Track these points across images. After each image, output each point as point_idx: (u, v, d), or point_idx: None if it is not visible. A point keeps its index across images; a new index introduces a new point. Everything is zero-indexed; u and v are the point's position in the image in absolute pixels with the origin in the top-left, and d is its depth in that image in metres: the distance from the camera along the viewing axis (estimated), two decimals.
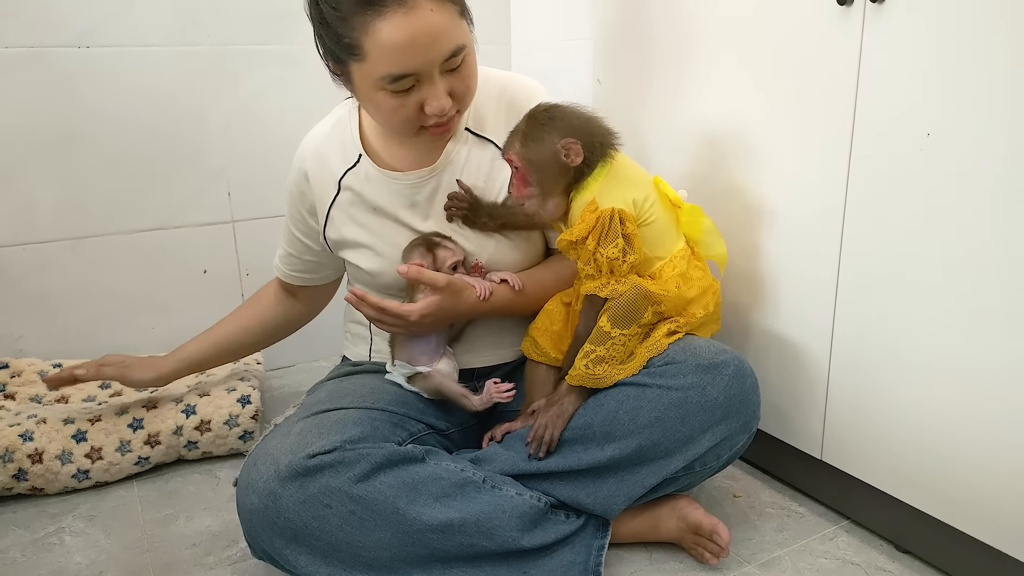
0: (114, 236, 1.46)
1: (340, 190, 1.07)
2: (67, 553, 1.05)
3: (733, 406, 0.95)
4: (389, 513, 0.86)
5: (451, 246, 1.03)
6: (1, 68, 1.31)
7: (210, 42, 1.46)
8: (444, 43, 0.88)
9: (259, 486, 0.86)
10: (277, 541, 0.86)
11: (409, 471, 0.89)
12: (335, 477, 0.85)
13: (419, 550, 0.87)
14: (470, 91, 0.97)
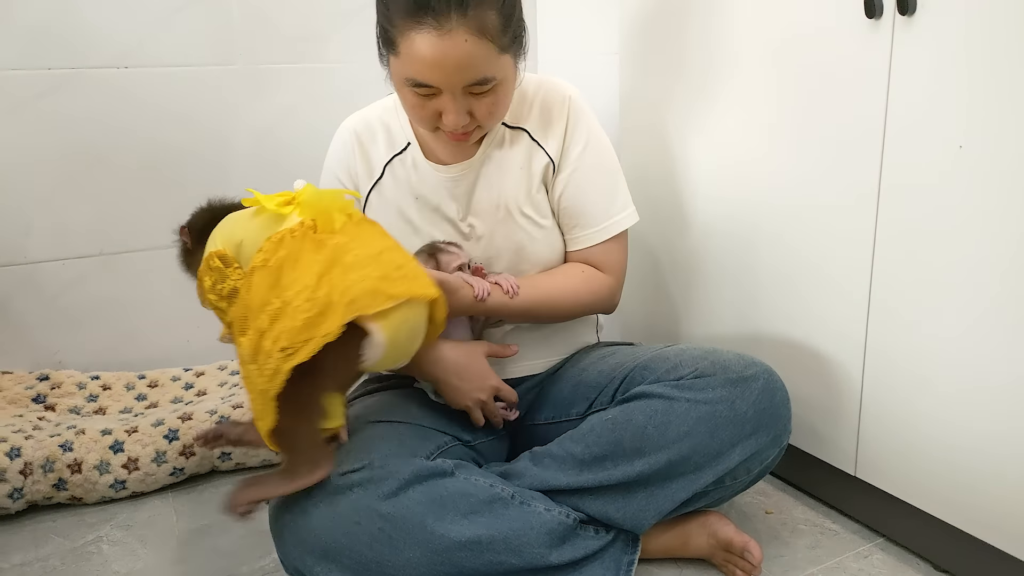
0: (148, 251, 1.49)
1: (383, 175, 1.09)
2: (105, 562, 1.07)
3: (763, 420, 0.95)
4: (417, 531, 0.86)
5: (454, 251, 1.03)
6: (43, 89, 1.35)
7: (243, 62, 1.49)
8: (469, 72, 0.91)
9: (289, 504, 0.87)
10: (308, 558, 0.87)
11: (438, 486, 0.89)
12: (364, 494, 0.86)
13: (448, 568, 0.87)
14: (493, 117, 0.98)
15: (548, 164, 1.07)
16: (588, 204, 1.08)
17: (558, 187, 1.08)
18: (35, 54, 1.34)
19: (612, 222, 1.09)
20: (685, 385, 0.95)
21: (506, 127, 1.08)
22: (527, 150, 1.08)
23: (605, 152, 1.10)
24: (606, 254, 1.10)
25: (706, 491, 0.97)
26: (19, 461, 1.17)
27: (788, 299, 1.12)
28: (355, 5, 1.56)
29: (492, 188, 1.07)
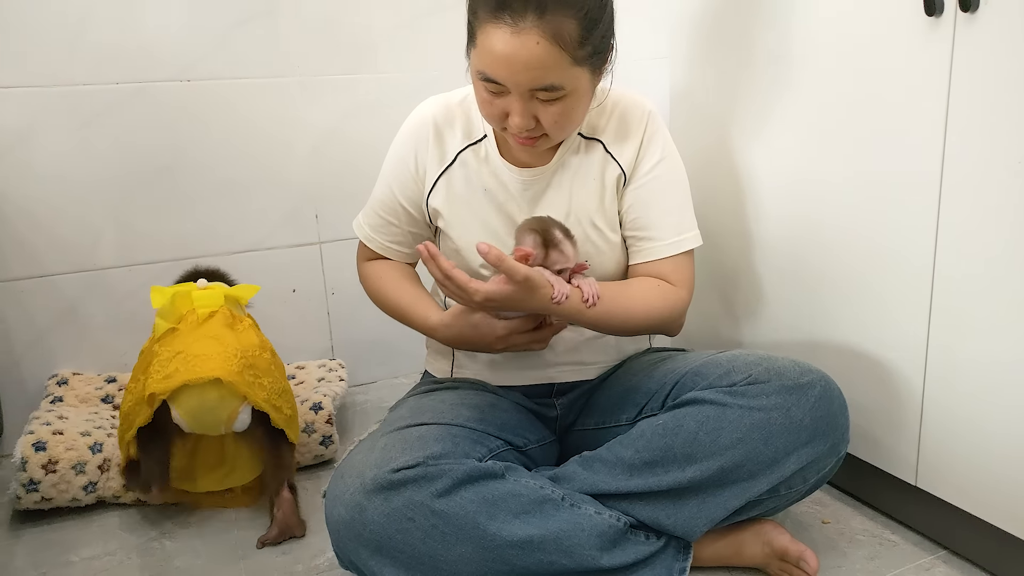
0: (210, 258, 1.54)
1: (454, 162, 1.08)
2: (167, 557, 1.10)
3: (820, 428, 0.93)
4: (470, 528, 0.87)
5: (568, 251, 0.98)
6: (111, 103, 1.41)
7: (299, 74, 1.53)
8: (536, 75, 0.90)
9: (346, 498, 0.89)
10: (363, 552, 0.89)
11: (489, 487, 0.90)
12: (418, 491, 0.88)
13: (499, 566, 0.88)
14: (559, 126, 0.96)
15: (620, 175, 1.07)
16: (660, 216, 1.07)
17: (628, 198, 1.07)
18: (104, 70, 1.40)
19: (683, 237, 1.07)
20: (738, 391, 0.94)
21: (582, 137, 1.07)
22: (601, 161, 1.07)
23: (679, 170, 1.09)
24: (677, 268, 1.07)
25: (760, 499, 0.96)
26: (99, 456, 1.22)
27: (846, 304, 1.10)
28: (406, 17, 1.59)
29: (563, 196, 1.06)
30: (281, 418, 1.13)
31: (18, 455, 1.17)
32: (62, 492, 1.18)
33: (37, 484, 1.17)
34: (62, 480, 1.18)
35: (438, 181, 1.09)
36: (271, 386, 1.13)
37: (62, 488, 1.18)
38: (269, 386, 1.13)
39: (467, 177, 1.08)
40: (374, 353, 1.72)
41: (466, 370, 1.15)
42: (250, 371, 1.11)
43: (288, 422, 1.15)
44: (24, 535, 1.17)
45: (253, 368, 1.11)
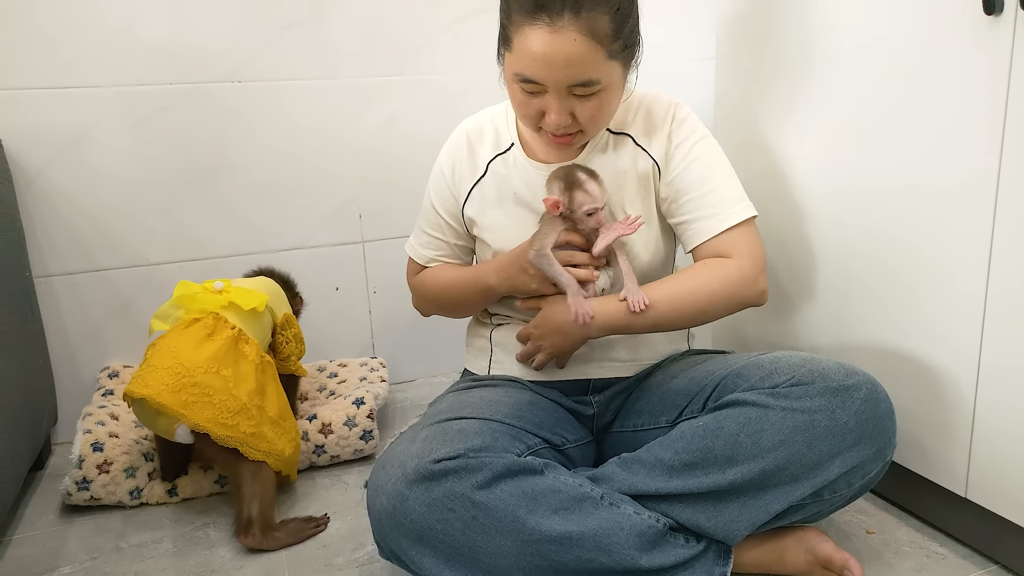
0: (256, 255, 1.57)
1: (486, 172, 1.13)
2: (212, 546, 1.13)
3: (866, 431, 0.91)
4: (509, 521, 0.88)
5: (592, 189, 1.00)
6: (164, 103, 1.46)
7: (346, 75, 1.56)
8: (575, 71, 0.93)
9: (387, 488, 0.90)
10: (404, 541, 0.90)
11: (528, 482, 0.91)
12: (458, 483, 0.88)
13: (538, 560, 0.88)
14: (594, 120, 1.00)
15: (652, 166, 1.08)
16: (708, 193, 1.06)
17: (668, 188, 1.08)
18: (158, 71, 1.44)
19: (732, 210, 1.05)
20: (781, 393, 0.93)
21: (610, 132, 1.09)
22: (632, 154, 1.09)
23: (714, 148, 1.09)
24: (734, 239, 1.05)
25: (803, 504, 0.94)
26: (150, 464, 1.26)
27: (893, 308, 1.08)
28: (449, 19, 1.61)
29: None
30: (235, 436, 1.10)
31: (76, 453, 1.21)
32: (110, 494, 1.22)
33: (89, 483, 1.21)
34: (112, 482, 1.22)
35: (472, 192, 1.14)
36: (223, 404, 1.10)
37: (111, 490, 1.22)
38: (220, 404, 1.10)
39: (498, 185, 1.12)
40: (414, 351, 1.74)
41: (504, 366, 1.16)
42: (193, 389, 1.09)
43: (249, 440, 1.12)
44: (76, 521, 1.21)
45: (199, 386, 1.09)
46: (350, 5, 1.53)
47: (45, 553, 1.12)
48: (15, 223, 1.35)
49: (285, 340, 1.32)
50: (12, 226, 1.32)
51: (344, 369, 1.59)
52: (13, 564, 1.10)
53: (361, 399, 1.37)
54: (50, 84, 1.38)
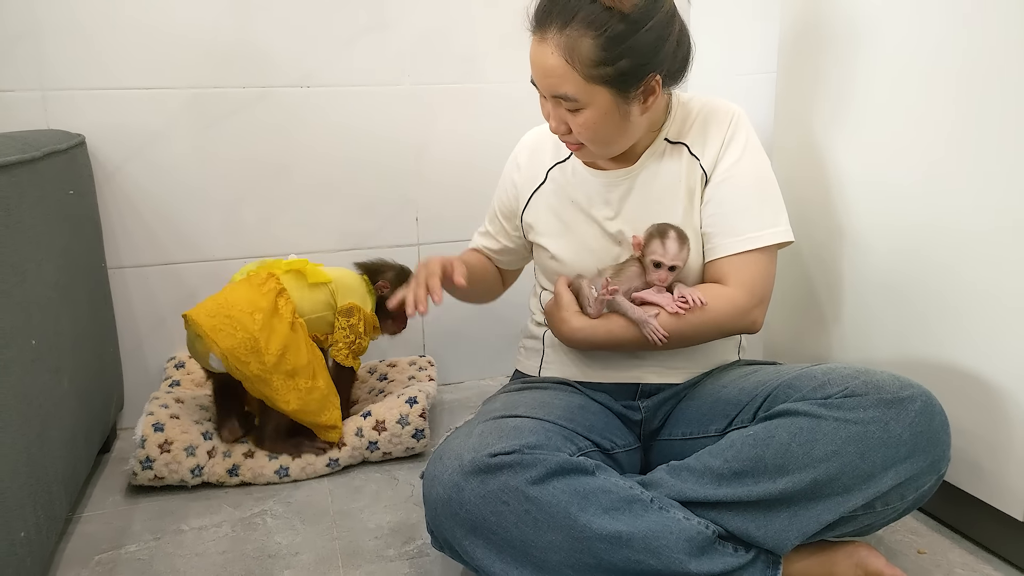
0: (317, 254, 1.62)
1: (546, 180, 1.19)
2: (269, 533, 1.17)
3: (920, 444, 0.91)
4: (561, 517, 0.89)
5: (670, 247, 1.04)
6: (237, 105, 1.52)
7: (410, 82, 1.60)
8: (551, 82, 1.00)
9: (444, 479, 0.93)
10: (458, 531, 0.92)
11: (580, 481, 0.92)
12: (513, 477, 0.90)
13: (587, 558, 0.89)
14: (586, 137, 1.04)
15: (702, 175, 1.10)
16: (732, 213, 1.08)
17: (706, 197, 1.09)
18: (232, 75, 1.50)
19: (755, 234, 1.07)
20: (834, 404, 0.93)
21: (668, 142, 1.11)
22: (686, 164, 1.10)
23: (761, 167, 1.10)
24: (739, 266, 1.07)
25: (855, 515, 0.94)
26: (209, 443, 1.31)
27: (951, 324, 1.07)
28: (509, 29, 1.63)
29: (646, 198, 1.11)
30: (242, 372, 1.24)
31: (139, 434, 1.28)
32: (173, 472, 1.27)
33: (152, 462, 1.26)
34: (174, 460, 1.27)
35: (532, 198, 1.20)
36: (243, 341, 1.24)
37: (173, 468, 1.27)
38: (241, 340, 1.23)
39: (556, 192, 1.17)
40: (463, 354, 1.77)
41: (554, 367, 1.18)
42: (225, 320, 1.24)
43: (253, 380, 1.25)
44: (141, 502, 1.26)
45: (230, 319, 1.24)
46: (415, 16, 1.58)
47: (111, 532, 1.18)
48: (94, 216, 1.42)
49: (339, 327, 1.39)
50: (91, 219, 1.40)
51: (393, 370, 1.63)
52: (82, 540, 1.16)
53: (414, 398, 1.41)
54: (131, 85, 1.45)
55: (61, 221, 1.16)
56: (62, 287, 1.12)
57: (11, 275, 0.90)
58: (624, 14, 0.95)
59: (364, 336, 1.41)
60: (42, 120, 1.41)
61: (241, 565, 1.09)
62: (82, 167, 1.37)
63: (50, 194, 1.11)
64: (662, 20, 0.98)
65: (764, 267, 1.08)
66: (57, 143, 1.19)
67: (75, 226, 1.26)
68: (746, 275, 1.07)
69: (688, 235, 1.07)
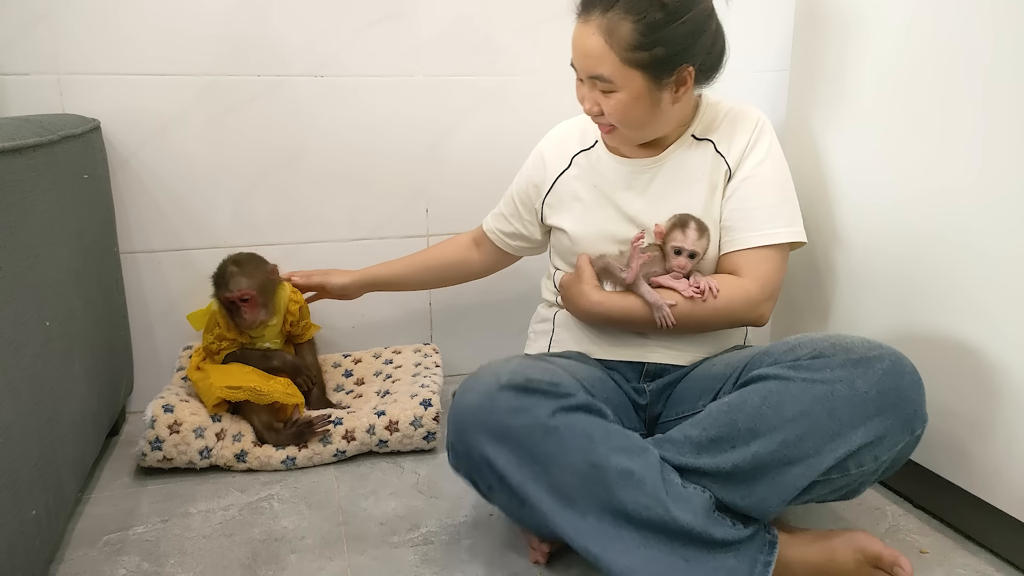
0: (328, 243, 1.63)
1: (570, 165, 1.24)
2: (275, 517, 1.18)
3: (888, 401, 0.92)
4: (584, 442, 0.93)
5: (690, 235, 1.09)
6: (252, 93, 1.52)
7: (423, 73, 1.60)
8: (588, 63, 1.06)
9: (480, 388, 0.97)
10: (484, 438, 0.95)
11: (600, 422, 0.97)
12: (545, 401, 0.94)
13: (600, 491, 0.92)
14: (617, 118, 1.09)
15: (726, 171, 1.14)
16: (752, 209, 1.12)
17: (729, 191, 1.14)
18: (247, 62, 1.51)
19: (772, 231, 1.12)
20: (802, 366, 0.95)
21: (694, 138, 1.16)
22: (712, 160, 1.15)
23: (782, 171, 1.15)
24: (754, 260, 1.12)
25: (830, 478, 0.95)
26: (218, 425, 1.32)
27: (958, 327, 1.07)
28: (527, 22, 1.64)
29: (668, 188, 1.15)
30: None
31: (149, 415, 1.29)
32: (181, 453, 1.29)
33: (161, 443, 1.28)
34: (183, 441, 1.28)
35: (555, 183, 1.25)
36: None
37: (182, 449, 1.28)
38: None
39: (580, 176, 1.22)
40: (471, 345, 1.77)
41: (563, 344, 1.22)
42: None
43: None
44: (149, 485, 1.28)
45: None
46: (432, 5, 1.58)
47: (120, 513, 1.19)
48: (107, 201, 1.43)
49: None
50: (105, 204, 1.41)
51: (399, 356, 1.62)
52: (91, 521, 1.17)
53: (428, 400, 1.40)
54: (147, 71, 1.46)
55: (75, 205, 1.17)
56: (75, 271, 1.13)
57: (25, 258, 0.91)
58: (664, 4, 1.01)
59: (206, 333, 1.43)
60: (58, 104, 1.42)
61: (247, 548, 1.10)
62: (97, 152, 1.38)
63: (65, 178, 1.12)
64: (700, 15, 1.04)
65: (777, 264, 1.13)
66: (73, 127, 1.20)
67: (89, 210, 1.27)
68: (760, 270, 1.11)
69: (702, 221, 1.11)
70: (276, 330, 1.44)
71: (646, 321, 1.10)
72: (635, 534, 0.92)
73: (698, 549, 0.93)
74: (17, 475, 0.84)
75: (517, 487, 0.94)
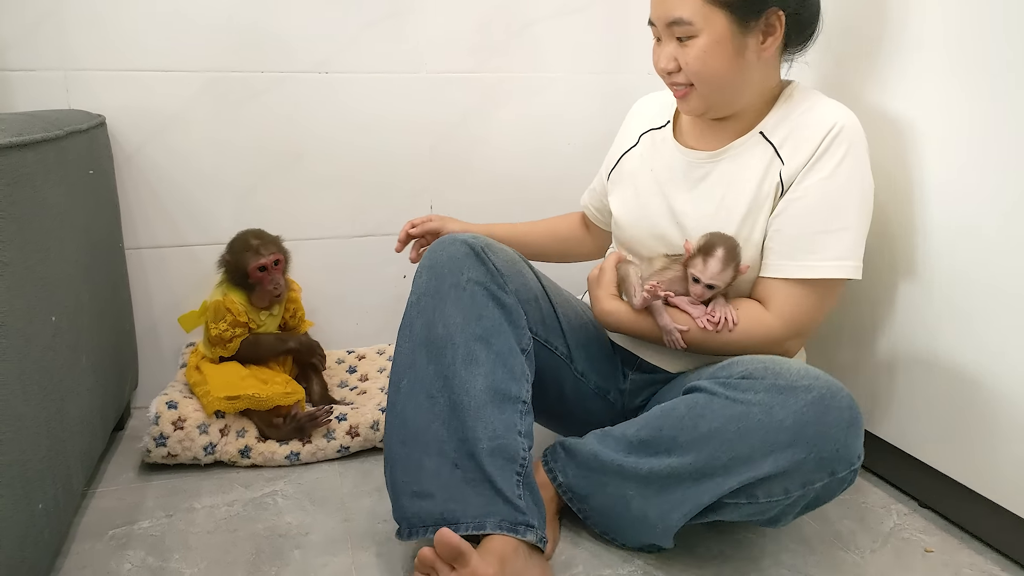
0: (331, 240, 1.63)
1: (638, 143, 1.20)
2: (279, 512, 1.18)
3: (805, 434, 0.88)
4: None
5: (712, 267, 1.00)
6: (257, 89, 1.52)
7: (426, 70, 1.61)
8: (663, 8, 0.99)
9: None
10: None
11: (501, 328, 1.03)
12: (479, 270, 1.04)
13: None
14: (691, 69, 1.00)
15: (777, 184, 1.02)
16: (794, 236, 1.01)
17: (778, 208, 1.02)
18: (251, 59, 1.51)
19: (812, 264, 0.99)
20: (731, 384, 0.93)
21: (762, 136, 1.05)
22: (768, 163, 1.03)
23: (847, 194, 1.00)
24: (785, 294, 1.01)
25: (737, 503, 0.94)
26: (221, 421, 1.32)
27: (977, 336, 1.07)
28: (529, 19, 1.64)
29: (719, 187, 1.06)
30: None
31: (153, 411, 1.29)
32: (186, 449, 1.29)
33: (166, 439, 1.28)
34: (187, 437, 1.29)
35: (621, 158, 1.22)
36: None
37: (186, 445, 1.29)
38: None
39: (641, 156, 1.18)
40: None
41: None
42: None
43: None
44: (154, 480, 1.28)
45: None
46: (435, 3, 1.58)
47: (125, 507, 1.19)
48: (113, 197, 1.43)
49: None
50: (110, 200, 1.41)
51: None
52: (96, 515, 1.17)
53: None
54: (151, 67, 1.46)
55: (82, 200, 1.17)
56: (83, 265, 1.13)
57: (35, 251, 0.91)
58: None
59: (212, 324, 1.38)
60: (63, 100, 1.42)
61: (251, 543, 1.10)
62: (102, 148, 1.38)
63: (72, 173, 1.12)
64: None
65: (813, 301, 1.01)
66: (79, 123, 1.20)
67: (95, 206, 1.27)
68: (788, 306, 1.01)
69: (741, 247, 1.02)
70: (277, 320, 1.45)
71: (655, 339, 1.07)
72: None
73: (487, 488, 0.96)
74: (27, 467, 0.84)
75: None
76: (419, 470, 0.98)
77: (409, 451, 0.99)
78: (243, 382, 1.33)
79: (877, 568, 1.04)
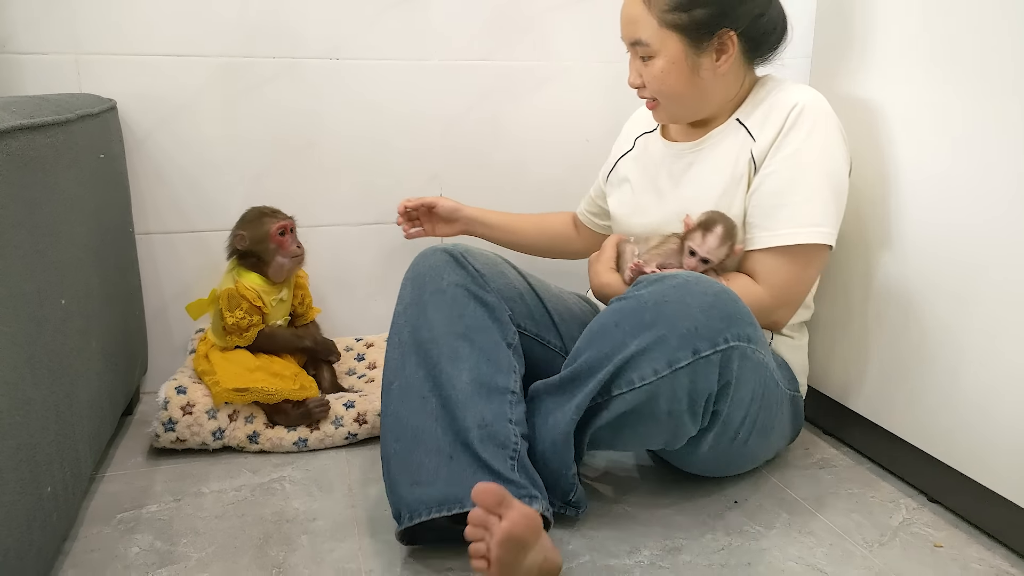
0: (341, 226, 1.63)
1: (633, 146, 1.29)
2: (287, 498, 1.19)
3: (664, 311, 0.92)
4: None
5: (710, 241, 1.06)
6: (267, 76, 1.52)
7: (437, 58, 1.60)
8: (629, 29, 1.08)
9: None
10: None
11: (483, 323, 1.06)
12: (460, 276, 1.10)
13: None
14: (656, 89, 1.10)
15: (749, 161, 1.09)
16: (772, 207, 1.07)
17: (754, 184, 1.09)
18: (263, 44, 1.50)
19: (789, 231, 1.06)
20: (629, 291, 0.99)
21: (738, 122, 1.13)
22: (741, 144, 1.12)
23: (816, 164, 1.06)
24: (770, 264, 1.07)
25: (622, 395, 0.95)
26: (230, 407, 1.33)
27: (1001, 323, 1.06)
28: (540, 8, 1.63)
29: (700, 175, 1.14)
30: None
31: (162, 396, 1.30)
32: (194, 434, 1.29)
33: (174, 424, 1.28)
34: (196, 423, 1.29)
35: (618, 161, 1.31)
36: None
37: (195, 430, 1.29)
38: None
39: (637, 158, 1.28)
40: None
41: None
42: None
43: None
44: (162, 465, 1.29)
45: None
46: None
47: (133, 492, 1.20)
48: (123, 182, 1.43)
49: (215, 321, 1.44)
50: (121, 185, 1.41)
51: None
52: (105, 498, 1.18)
53: None
54: (163, 51, 1.46)
55: (93, 184, 1.18)
56: (93, 250, 1.14)
57: (46, 235, 0.91)
58: None
59: (228, 313, 1.36)
60: (75, 84, 1.42)
61: (259, 528, 1.10)
62: (113, 132, 1.38)
63: (83, 157, 1.12)
64: None
65: (797, 268, 1.07)
66: (90, 107, 1.20)
67: (105, 190, 1.27)
68: (776, 276, 1.07)
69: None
70: (287, 307, 1.44)
71: None
72: None
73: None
74: (36, 450, 0.85)
75: None
76: (418, 467, 0.98)
77: (405, 450, 1.00)
78: (252, 374, 1.33)
79: (885, 562, 1.04)
